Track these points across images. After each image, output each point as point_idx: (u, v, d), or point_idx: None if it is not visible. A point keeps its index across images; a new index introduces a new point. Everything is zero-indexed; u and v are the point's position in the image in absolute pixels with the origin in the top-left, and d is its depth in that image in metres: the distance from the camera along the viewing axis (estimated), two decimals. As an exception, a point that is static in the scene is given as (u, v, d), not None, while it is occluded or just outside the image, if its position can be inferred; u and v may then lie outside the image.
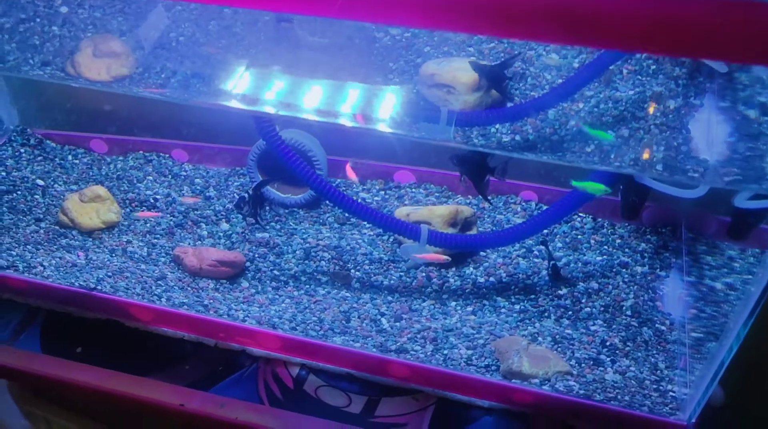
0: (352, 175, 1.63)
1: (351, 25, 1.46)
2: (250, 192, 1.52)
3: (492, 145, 1.30)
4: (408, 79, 1.37)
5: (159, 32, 1.41)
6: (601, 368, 1.27)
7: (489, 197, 1.60)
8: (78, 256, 1.47)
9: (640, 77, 1.32)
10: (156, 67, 1.33)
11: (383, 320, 1.39)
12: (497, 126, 1.30)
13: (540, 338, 1.32)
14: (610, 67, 1.33)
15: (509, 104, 1.34)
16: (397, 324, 1.38)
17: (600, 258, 1.45)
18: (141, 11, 1.41)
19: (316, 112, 1.32)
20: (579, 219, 1.54)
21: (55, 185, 1.64)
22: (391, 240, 1.55)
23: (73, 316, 1.40)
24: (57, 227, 1.54)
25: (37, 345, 1.36)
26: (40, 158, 1.71)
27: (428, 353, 1.31)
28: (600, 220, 1.53)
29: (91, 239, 1.52)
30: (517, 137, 1.30)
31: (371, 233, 1.57)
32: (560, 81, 1.36)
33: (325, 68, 1.38)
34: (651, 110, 1.24)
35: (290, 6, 0.98)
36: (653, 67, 1.32)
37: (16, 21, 1.40)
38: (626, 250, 1.46)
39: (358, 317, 1.39)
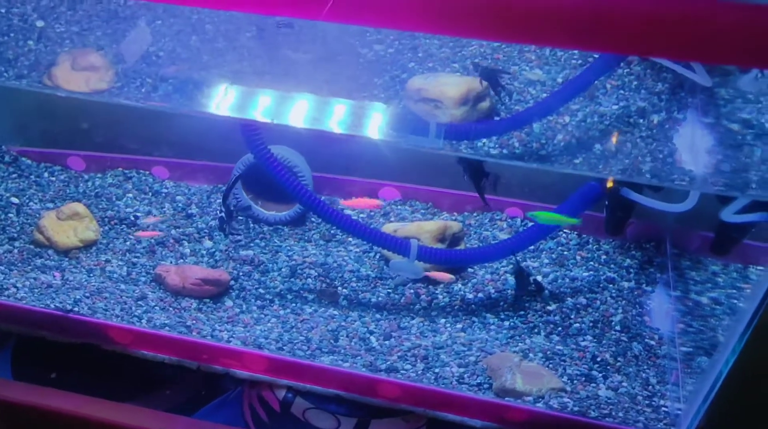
0: (370, 203, 1.54)
1: (335, 39, 1.42)
2: (221, 208, 1.46)
3: (481, 156, 1.28)
4: (394, 94, 1.34)
5: (141, 47, 1.35)
6: (594, 384, 1.22)
7: (478, 209, 1.57)
8: (54, 276, 1.37)
9: (623, 92, 1.31)
10: (136, 81, 1.27)
11: (372, 338, 1.32)
12: (484, 140, 1.28)
13: (531, 354, 1.27)
14: (594, 83, 1.32)
15: (496, 118, 1.32)
16: (387, 342, 1.31)
17: (587, 274, 1.42)
18: (120, 27, 1.35)
19: (308, 124, 1.27)
20: (564, 235, 1.50)
21: (30, 203, 1.54)
22: (377, 256, 1.49)
23: (47, 340, 1.29)
24: (32, 246, 1.44)
25: (8, 371, 1.25)
26: (14, 176, 1.61)
27: (419, 372, 1.25)
28: (585, 236, 1.50)
29: (67, 259, 1.42)
30: (505, 151, 1.27)
31: (357, 250, 1.51)
32: (545, 95, 1.34)
33: (310, 83, 1.34)
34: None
35: (282, 9, 0.93)
36: (635, 82, 1.32)
37: None
38: (612, 265, 1.43)
39: (347, 336, 1.32)
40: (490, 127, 1.27)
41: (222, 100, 1.29)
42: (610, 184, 1.34)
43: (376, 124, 1.31)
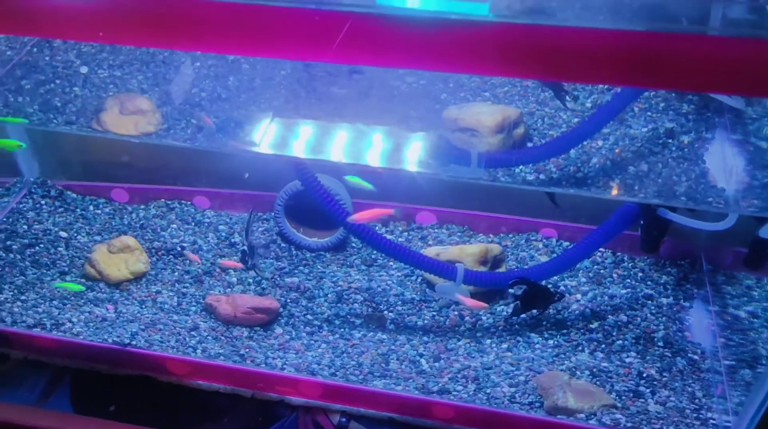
0: (380, 212, 1.52)
1: (369, 73, 1.43)
2: (245, 243, 1.46)
3: (518, 183, 1.28)
4: (429, 124, 1.35)
5: (185, 89, 1.35)
6: (642, 400, 1.22)
7: (513, 231, 1.59)
8: (107, 309, 1.35)
9: (650, 114, 1.32)
10: (181, 122, 1.27)
11: (422, 361, 1.31)
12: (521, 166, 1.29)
13: (578, 372, 1.27)
14: (627, 107, 1.33)
15: (529, 145, 1.33)
16: (437, 364, 1.31)
17: (624, 291, 1.43)
18: (160, 71, 1.37)
19: (348, 158, 1.28)
20: (599, 254, 1.51)
21: (78, 236, 1.53)
22: (419, 280, 1.49)
23: (102, 373, 1.28)
24: (83, 280, 1.42)
25: (67, 406, 1.23)
26: (61, 210, 1.60)
27: (471, 393, 1.24)
28: (619, 254, 1.51)
29: (118, 291, 1.41)
30: (541, 176, 1.28)
31: (399, 274, 1.51)
32: (576, 120, 1.36)
33: (349, 117, 1.35)
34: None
35: (284, 53, 0.93)
36: (662, 104, 1.33)
37: (36, 83, 1.33)
38: (649, 282, 1.44)
39: (397, 359, 1.31)
40: (532, 153, 1.28)
41: (264, 138, 1.29)
42: (614, 192, 1.35)
43: (416, 155, 1.32)
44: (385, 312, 1.41)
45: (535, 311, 1.33)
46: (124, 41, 1.01)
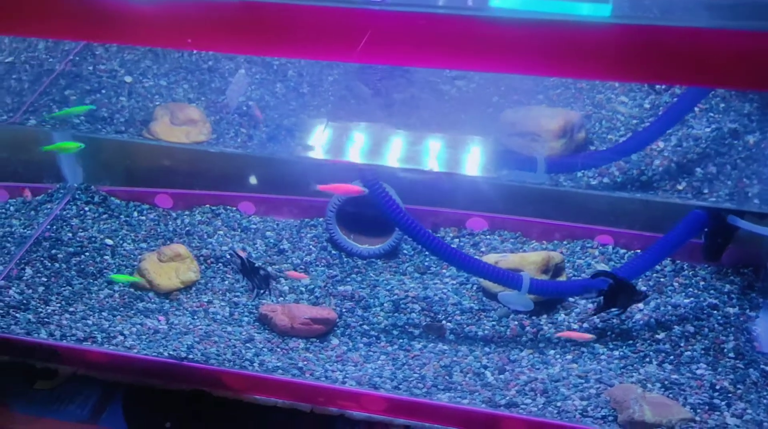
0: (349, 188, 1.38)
1: (419, 78, 1.35)
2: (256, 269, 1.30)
3: (582, 188, 1.21)
4: (482, 128, 1.27)
5: (238, 97, 1.27)
6: (719, 413, 1.14)
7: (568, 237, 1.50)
8: (158, 320, 1.26)
9: (712, 114, 1.25)
10: (230, 131, 1.19)
11: (487, 373, 1.23)
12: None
13: (649, 385, 1.19)
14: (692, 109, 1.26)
15: (590, 148, 1.26)
16: (502, 376, 1.22)
17: (687, 300, 1.35)
18: (205, 79, 1.28)
19: (408, 163, 1.20)
20: (658, 261, 1.44)
21: (124, 244, 1.42)
22: (475, 288, 1.40)
23: (155, 388, 1.18)
24: (132, 290, 1.32)
25: (121, 423, 1.13)
26: (105, 216, 1.49)
27: (540, 406, 1.16)
28: (678, 262, 1.43)
29: (168, 301, 1.31)
30: (605, 180, 1.21)
31: (454, 282, 1.42)
32: (635, 122, 1.29)
33: (400, 122, 1.27)
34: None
35: (391, 59, 0.86)
36: (722, 104, 1.26)
37: (81, 92, 1.23)
38: (712, 291, 1.36)
39: (461, 371, 1.22)
40: (598, 157, 1.21)
41: (321, 141, 1.21)
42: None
43: (475, 159, 1.24)
44: (444, 322, 1.33)
45: (615, 310, 1.24)
46: (215, 48, 0.93)
